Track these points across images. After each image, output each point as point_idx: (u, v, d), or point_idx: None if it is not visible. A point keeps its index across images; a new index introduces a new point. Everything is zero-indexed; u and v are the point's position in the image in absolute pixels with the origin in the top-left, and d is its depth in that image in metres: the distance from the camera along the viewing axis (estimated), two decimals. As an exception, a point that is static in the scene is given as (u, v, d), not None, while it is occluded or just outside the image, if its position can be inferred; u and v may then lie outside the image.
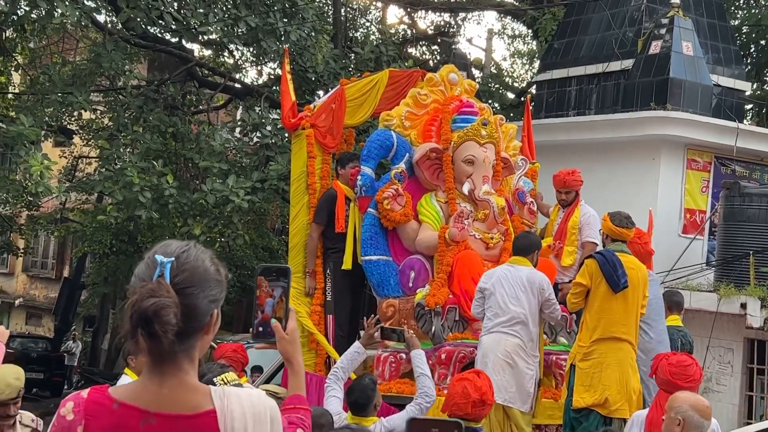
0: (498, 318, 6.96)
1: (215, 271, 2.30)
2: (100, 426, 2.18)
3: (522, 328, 6.94)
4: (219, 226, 12.92)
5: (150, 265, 2.24)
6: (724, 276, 11.64)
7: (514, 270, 7.13)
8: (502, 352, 6.88)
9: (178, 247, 2.28)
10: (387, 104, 8.88)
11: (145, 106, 14.07)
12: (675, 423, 4.67)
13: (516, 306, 6.95)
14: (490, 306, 7.03)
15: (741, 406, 11.54)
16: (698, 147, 13.25)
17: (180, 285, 2.20)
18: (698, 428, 4.66)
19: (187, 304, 2.20)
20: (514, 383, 6.85)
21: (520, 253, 7.26)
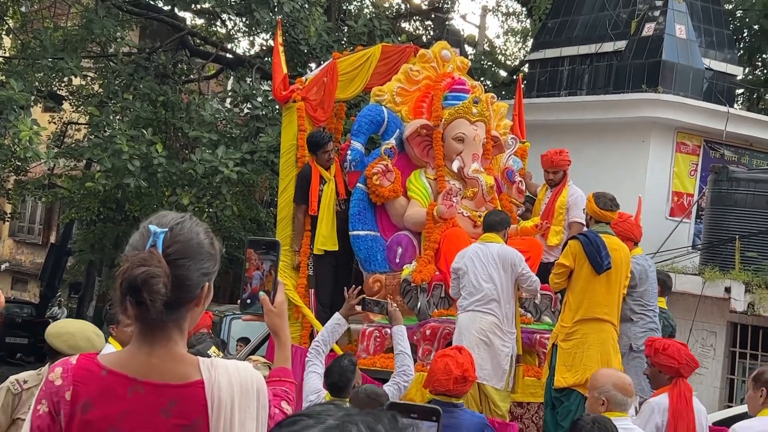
0: (473, 296, 6.98)
1: (209, 244, 2.31)
2: (87, 392, 2.19)
3: (496, 306, 6.96)
4: (207, 197, 12.90)
5: (144, 234, 2.25)
6: (710, 260, 11.70)
7: (485, 247, 7.14)
8: (477, 330, 6.90)
9: (173, 219, 2.29)
10: (379, 79, 8.87)
11: (135, 74, 13.99)
12: (599, 403, 4.71)
13: (488, 283, 6.97)
14: (464, 285, 7.05)
15: (722, 389, 11.64)
16: (688, 130, 13.27)
17: (172, 256, 2.22)
18: (621, 406, 4.71)
19: (179, 276, 2.21)
20: (489, 361, 6.87)
21: (490, 230, 7.27)
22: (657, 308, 7.65)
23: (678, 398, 5.47)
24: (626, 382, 4.82)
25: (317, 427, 1.12)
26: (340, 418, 1.14)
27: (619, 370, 5.92)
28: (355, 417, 1.14)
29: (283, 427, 1.14)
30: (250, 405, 2.28)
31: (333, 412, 1.15)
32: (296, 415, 1.16)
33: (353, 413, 1.15)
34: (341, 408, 1.16)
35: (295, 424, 1.14)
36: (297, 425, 1.13)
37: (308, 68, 13.56)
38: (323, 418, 1.14)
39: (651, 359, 5.84)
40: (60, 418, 2.18)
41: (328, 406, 1.17)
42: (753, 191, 11.49)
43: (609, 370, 5.35)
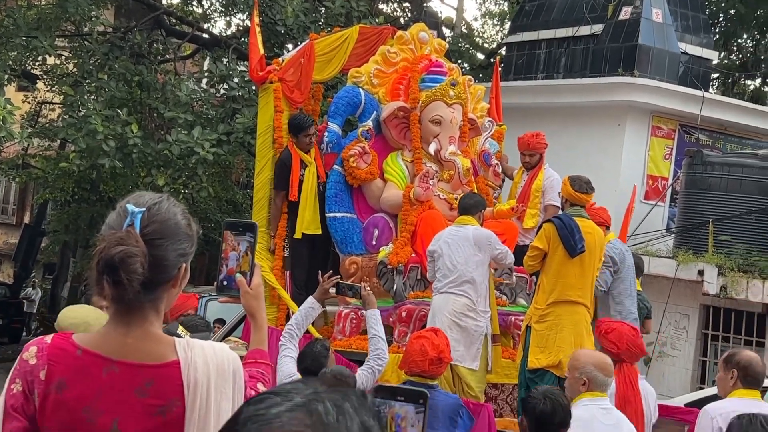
0: (446, 278, 7.01)
1: (186, 225, 2.31)
2: (62, 371, 2.18)
3: (470, 287, 6.98)
4: (183, 178, 12.83)
5: (121, 214, 2.24)
6: (684, 243, 11.79)
7: (460, 230, 7.17)
8: (449, 312, 6.92)
9: (150, 199, 2.28)
10: (356, 61, 8.84)
11: (110, 54, 13.87)
12: (580, 383, 4.75)
13: (463, 265, 6.99)
14: (439, 267, 7.08)
15: (694, 371, 11.76)
16: (663, 114, 13.34)
17: (149, 236, 2.21)
18: (602, 386, 4.75)
19: (156, 256, 2.20)
20: (462, 341, 6.89)
21: (465, 213, 7.29)
22: (635, 292, 7.73)
23: (623, 383, 5.50)
24: (606, 362, 4.86)
25: (284, 404, 1.12)
26: (307, 396, 1.14)
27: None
28: (322, 395, 1.14)
29: (251, 405, 1.14)
30: (226, 386, 2.28)
31: (300, 390, 1.15)
32: (264, 394, 1.16)
33: (321, 391, 1.15)
34: (309, 386, 1.16)
35: (263, 401, 1.14)
36: (264, 403, 1.13)
37: (285, 49, 13.50)
38: (291, 395, 1.14)
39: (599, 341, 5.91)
40: (34, 398, 2.17)
41: (297, 384, 1.17)
42: (727, 175, 11.58)
43: (589, 351, 5.39)
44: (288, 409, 1.11)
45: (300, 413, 1.11)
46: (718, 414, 4.95)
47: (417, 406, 1.76)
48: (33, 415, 2.18)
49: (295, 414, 1.11)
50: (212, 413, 2.23)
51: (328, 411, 1.11)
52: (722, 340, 11.54)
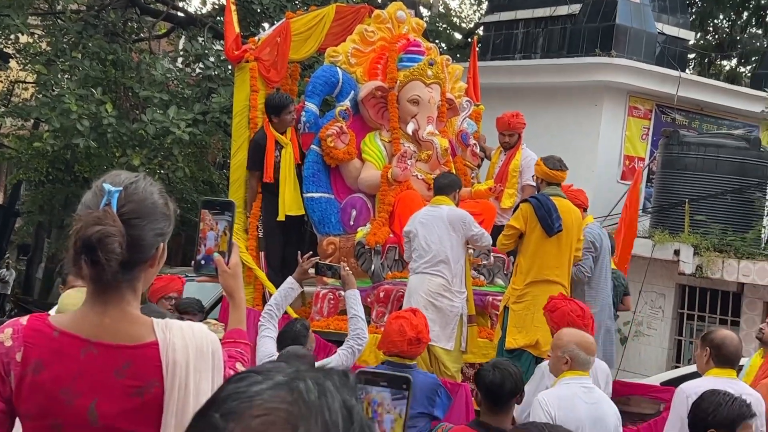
0: (422, 259, 7.02)
1: (163, 204, 2.29)
2: (39, 353, 2.16)
3: (445, 267, 6.99)
4: (159, 158, 12.71)
5: (97, 193, 2.22)
6: (660, 223, 11.86)
7: (435, 210, 7.16)
8: (425, 292, 6.93)
9: (127, 178, 2.27)
10: (333, 40, 8.79)
11: (84, 32, 13.70)
12: (562, 361, 4.79)
13: (437, 245, 6.99)
14: (415, 248, 7.08)
15: (670, 350, 11.87)
16: (640, 94, 13.38)
17: (126, 215, 2.19)
18: (584, 365, 4.79)
19: (133, 235, 2.18)
20: (438, 321, 6.89)
21: (440, 192, 7.29)
22: (610, 276, 7.76)
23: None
24: (589, 341, 4.89)
25: (265, 383, 1.12)
26: (289, 374, 1.13)
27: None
28: (304, 373, 1.14)
29: (232, 383, 1.14)
30: (205, 366, 2.27)
31: (282, 369, 1.15)
32: (245, 372, 1.16)
33: (303, 370, 1.15)
34: (291, 365, 1.16)
35: (244, 380, 1.13)
36: (245, 381, 1.13)
37: (261, 28, 13.39)
38: (272, 374, 1.13)
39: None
40: (10, 380, 2.15)
41: (279, 364, 1.17)
42: (703, 155, 11.64)
43: (572, 330, 5.41)
44: (269, 387, 1.11)
45: (281, 391, 1.10)
46: (693, 392, 4.99)
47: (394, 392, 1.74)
48: (9, 398, 2.16)
49: (277, 392, 1.10)
50: (191, 394, 2.21)
51: (309, 389, 1.11)
52: (698, 320, 11.64)
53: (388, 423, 1.74)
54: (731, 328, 10.63)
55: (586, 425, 4.55)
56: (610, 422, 4.69)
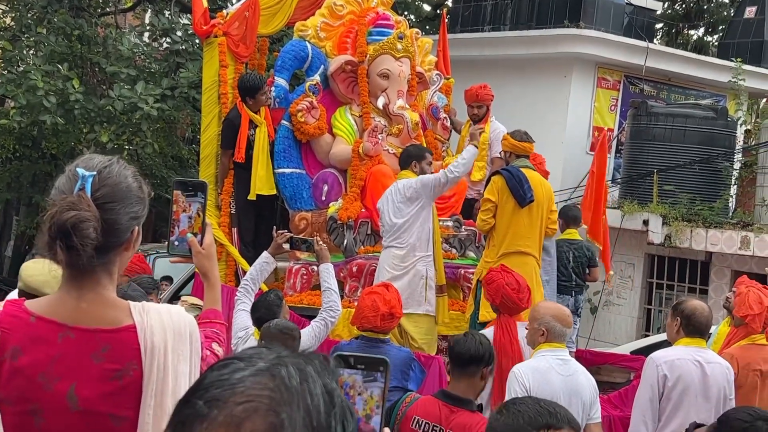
0: (387, 233, 7.10)
1: (138, 188, 2.29)
2: (16, 339, 2.16)
3: (406, 236, 7.03)
4: (127, 134, 12.60)
5: (71, 178, 2.21)
6: (629, 193, 11.96)
7: (396, 184, 7.22)
8: (389, 265, 7.01)
9: (101, 162, 2.26)
10: (302, 14, 8.75)
11: (49, 7, 13.51)
12: (539, 333, 4.85)
13: (398, 217, 7.04)
14: (383, 224, 7.16)
15: (640, 318, 12.01)
16: (609, 66, 13.42)
17: (101, 200, 2.19)
18: (560, 336, 4.85)
19: (108, 220, 2.18)
20: (407, 289, 6.91)
21: (402, 167, 7.39)
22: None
23: (501, 332, 5.60)
24: (565, 313, 4.95)
25: (248, 369, 1.13)
26: (271, 360, 1.15)
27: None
28: (285, 359, 1.15)
29: (215, 370, 1.16)
30: (183, 348, 2.28)
31: (264, 355, 1.16)
32: (228, 359, 1.17)
33: (284, 355, 1.16)
34: (273, 351, 1.18)
35: (226, 367, 1.15)
36: (227, 368, 1.14)
37: (229, 2, 13.28)
38: (254, 361, 1.15)
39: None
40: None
41: (261, 349, 1.18)
42: (671, 126, 11.73)
43: (548, 302, 5.50)
44: (251, 373, 1.13)
45: (263, 377, 1.12)
46: (663, 362, 5.08)
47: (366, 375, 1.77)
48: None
49: (258, 378, 1.12)
50: (170, 376, 2.23)
51: (291, 375, 1.13)
52: (667, 288, 11.78)
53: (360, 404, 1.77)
54: (700, 296, 10.78)
55: (561, 397, 4.59)
56: (586, 394, 4.74)
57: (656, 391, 5.04)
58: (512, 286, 5.68)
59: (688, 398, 4.99)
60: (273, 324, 4.99)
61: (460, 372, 4.41)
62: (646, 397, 5.08)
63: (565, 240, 8.52)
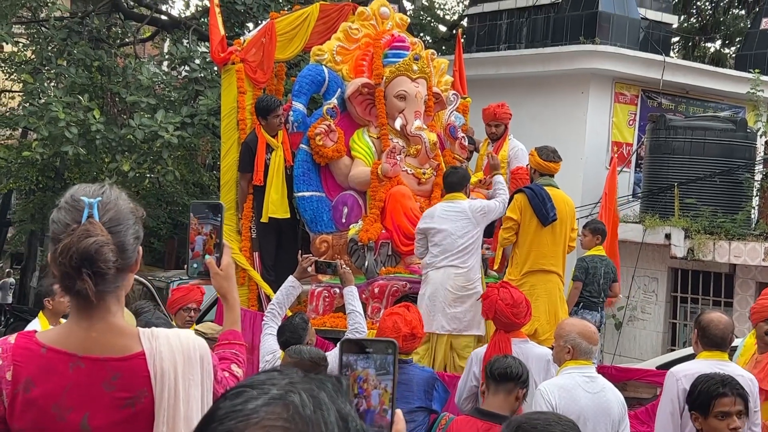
0: (445, 252, 7.07)
1: (134, 208, 2.32)
2: (28, 371, 2.18)
3: (469, 258, 7.09)
4: (148, 162, 12.70)
5: (73, 208, 2.23)
6: (650, 207, 11.91)
7: (454, 205, 7.22)
8: (452, 286, 7.01)
9: (96, 189, 2.28)
10: (318, 38, 8.80)
11: (69, 39, 13.68)
12: (565, 351, 4.81)
13: (462, 238, 7.07)
14: (435, 243, 7.12)
15: (665, 333, 11.92)
16: (626, 80, 13.41)
17: (108, 224, 2.22)
18: (587, 354, 4.81)
19: (117, 242, 2.21)
20: (470, 311, 6.99)
21: (453, 189, 7.35)
22: None
23: (493, 347, 5.57)
24: (591, 330, 4.90)
25: (260, 398, 1.13)
26: (283, 387, 1.15)
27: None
28: (297, 385, 1.15)
29: (227, 399, 1.15)
30: (193, 373, 2.29)
31: (276, 381, 1.16)
32: (240, 387, 1.17)
33: (296, 381, 1.16)
34: (285, 375, 1.17)
35: (239, 396, 1.15)
36: (241, 397, 1.14)
37: (246, 29, 13.39)
38: (266, 388, 1.15)
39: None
40: (2, 399, 2.17)
41: (272, 374, 1.18)
42: (690, 139, 11.69)
43: (574, 319, 5.46)
44: (264, 403, 1.12)
45: (277, 407, 1.12)
46: (682, 375, 5.03)
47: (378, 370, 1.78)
48: (3, 416, 2.18)
49: (272, 408, 1.12)
50: (181, 401, 2.24)
51: (304, 403, 1.12)
52: (691, 302, 11.70)
53: (376, 397, 1.78)
54: (724, 309, 10.70)
55: (588, 415, 4.57)
56: (614, 411, 4.69)
57: (677, 405, 4.99)
58: (506, 302, 5.65)
59: None
60: (307, 351, 4.97)
61: (497, 388, 4.43)
62: (667, 412, 5.04)
63: (597, 256, 8.51)
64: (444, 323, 6.92)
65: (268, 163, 8.12)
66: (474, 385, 5.49)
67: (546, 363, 5.55)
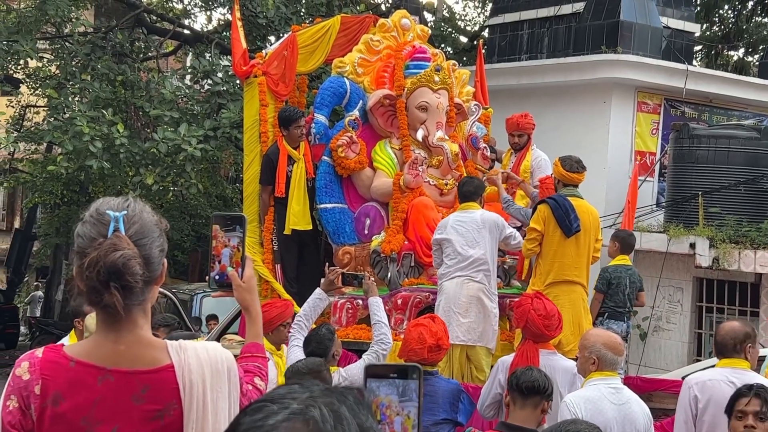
0: (459, 264, 7.06)
1: (158, 221, 2.33)
2: (57, 384, 2.18)
3: (483, 270, 7.08)
4: (172, 175, 12.79)
5: (98, 221, 2.23)
6: (674, 217, 11.83)
7: (468, 215, 7.21)
8: (465, 296, 7.01)
9: (121, 202, 2.29)
10: (339, 51, 8.83)
11: (92, 54, 13.81)
12: (590, 362, 4.77)
13: (475, 249, 7.05)
14: (448, 254, 7.12)
15: (691, 343, 11.83)
16: (648, 89, 13.35)
17: (134, 237, 2.23)
18: (612, 365, 4.76)
19: (143, 255, 2.22)
20: (483, 323, 7.02)
21: (468, 199, 7.34)
22: None
23: (520, 357, 5.52)
24: (616, 341, 4.85)
25: (281, 413, 1.12)
26: (304, 401, 1.14)
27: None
28: (318, 399, 1.14)
29: (248, 414, 1.15)
30: (221, 385, 2.30)
31: (297, 395, 1.16)
32: (260, 401, 1.16)
33: (316, 395, 1.15)
34: (306, 389, 1.17)
35: (260, 411, 1.14)
36: (261, 412, 1.14)
37: (267, 41, 13.46)
38: (286, 402, 1.14)
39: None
40: (31, 413, 2.17)
41: (293, 388, 1.18)
42: (714, 147, 11.61)
43: (599, 330, 5.42)
44: (285, 418, 1.12)
45: (297, 422, 1.11)
46: (694, 383, 5.02)
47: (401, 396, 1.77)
48: (31, 430, 2.18)
49: (292, 423, 1.11)
50: (210, 413, 2.24)
51: (324, 418, 1.12)
52: (717, 312, 11.60)
53: (398, 424, 1.77)
54: (751, 318, 10.60)
55: (614, 427, 4.54)
56: (640, 422, 4.66)
57: (689, 413, 4.96)
58: (539, 312, 5.61)
59: (722, 421, 4.89)
60: (302, 363, 5.02)
61: (524, 402, 4.41)
62: (681, 420, 5.03)
63: (621, 266, 8.48)
64: (459, 334, 6.91)
65: (289, 175, 8.14)
66: (498, 392, 5.46)
67: (572, 376, 5.51)
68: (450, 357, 6.94)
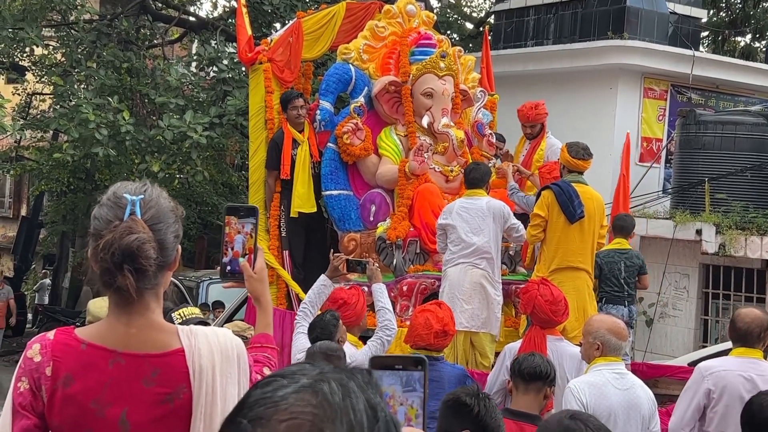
0: (463, 251, 7.06)
1: (174, 207, 2.35)
2: (68, 367, 2.20)
3: (486, 257, 7.08)
4: (177, 163, 12.80)
5: (115, 204, 2.25)
6: (680, 203, 11.80)
7: (473, 201, 7.20)
8: (469, 282, 7.01)
9: (138, 186, 2.31)
10: (345, 37, 8.82)
11: (98, 41, 13.82)
12: (594, 347, 4.76)
13: (479, 236, 7.05)
14: (453, 240, 7.13)
15: (697, 330, 11.81)
16: (655, 75, 13.31)
17: (149, 221, 2.24)
18: (616, 350, 4.75)
19: (158, 240, 2.23)
20: (486, 310, 7.02)
21: (475, 185, 7.32)
22: None
23: (528, 343, 5.53)
24: (620, 326, 4.84)
25: (290, 386, 1.14)
26: (314, 377, 1.16)
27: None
28: (327, 375, 1.16)
29: (258, 388, 1.16)
30: (231, 371, 2.31)
31: (307, 371, 1.17)
32: (271, 376, 1.18)
33: (326, 371, 1.17)
34: (316, 366, 1.18)
35: (269, 384, 1.16)
36: (271, 386, 1.15)
37: (273, 29, 13.44)
38: (297, 377, 1.16)
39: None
40: (41, 394, 2.19)
41: (303, 366, 1.19)
42: (721, 134, 11.57)
43: (603, 315, 5.41)
44: (294, 390, 1.14)
45: (306, 394, 1.13)
46: (708, 373, 4.94)
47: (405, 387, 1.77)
48: (42, 412, 2.20)
49: (301, 395, 1.13)
50: (219, 398, 2.25)
51: (333, 391, 1.14)
52: (723, 298, 11.58)
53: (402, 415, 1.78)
54: (757, 305, 10.58)
55: (619, 412, 4.54)
56: (644, 407, 4.65)
57: (700, 402, 4.93)
58: (546, 298, 5.62)
59: (735, 412, 4.84)
60: (317, 346, 5.02)
61: (526, 388, 4.41)
62: (688, 406, 4.96)
63: (615, 250, 8.46)
64: (462, 320, 6.91)
65: (294, 158, 8.15)
66: (506, 378, 5.48)
67: (579, 362, 5.51)
68: (454, 343, 6.95)
